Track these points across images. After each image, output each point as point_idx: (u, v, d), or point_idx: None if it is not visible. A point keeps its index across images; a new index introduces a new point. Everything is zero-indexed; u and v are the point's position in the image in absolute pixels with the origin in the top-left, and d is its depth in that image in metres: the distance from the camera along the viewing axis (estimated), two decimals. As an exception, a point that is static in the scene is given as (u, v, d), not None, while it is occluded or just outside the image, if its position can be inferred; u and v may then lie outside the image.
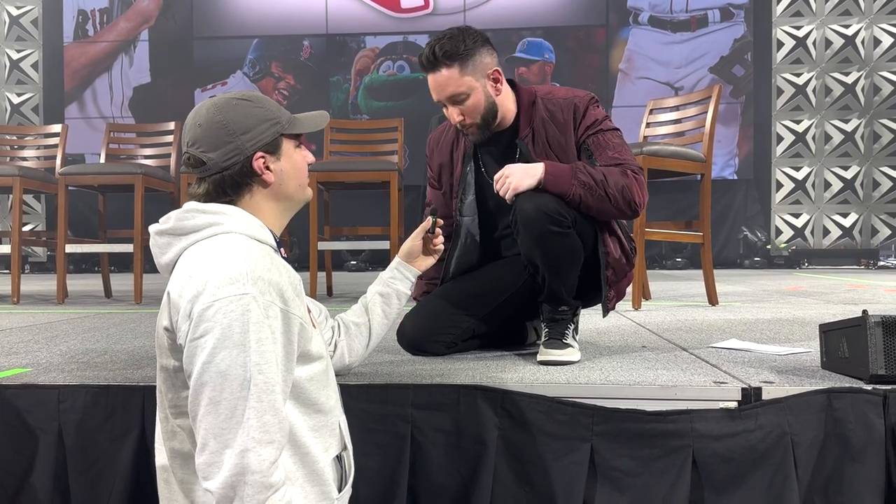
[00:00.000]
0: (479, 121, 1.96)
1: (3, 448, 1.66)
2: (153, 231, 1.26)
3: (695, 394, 1.59)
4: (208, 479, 1.07)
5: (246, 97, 1.28)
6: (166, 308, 1.17)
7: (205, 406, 1.08)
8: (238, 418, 1.06)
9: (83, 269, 8.29)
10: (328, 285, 4.46)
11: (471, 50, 1.90)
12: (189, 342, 1.10)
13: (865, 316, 1.58)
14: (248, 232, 1.22)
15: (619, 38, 8.67)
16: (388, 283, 1.70)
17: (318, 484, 1.23)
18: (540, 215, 1.83)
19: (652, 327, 2.64)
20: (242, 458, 1.05)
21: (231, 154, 1.24)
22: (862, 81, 8.38)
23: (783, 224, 8.57)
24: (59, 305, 3.82)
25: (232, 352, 1.07)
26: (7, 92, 9.07)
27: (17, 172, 3.94)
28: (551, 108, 2.00)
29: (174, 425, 1.22)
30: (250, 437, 1.06)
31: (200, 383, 1.08)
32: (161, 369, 1.22)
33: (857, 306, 3.36)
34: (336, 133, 4.67)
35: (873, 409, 1.53)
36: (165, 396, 1.23)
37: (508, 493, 1.57)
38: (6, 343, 2.38)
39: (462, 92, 1.91)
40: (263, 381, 1.08)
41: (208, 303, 1.09)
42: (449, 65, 1.89)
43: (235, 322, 1.08)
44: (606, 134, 1.97)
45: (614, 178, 1.88)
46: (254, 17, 8.88)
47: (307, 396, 1.24)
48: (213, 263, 1.13)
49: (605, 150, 1.94)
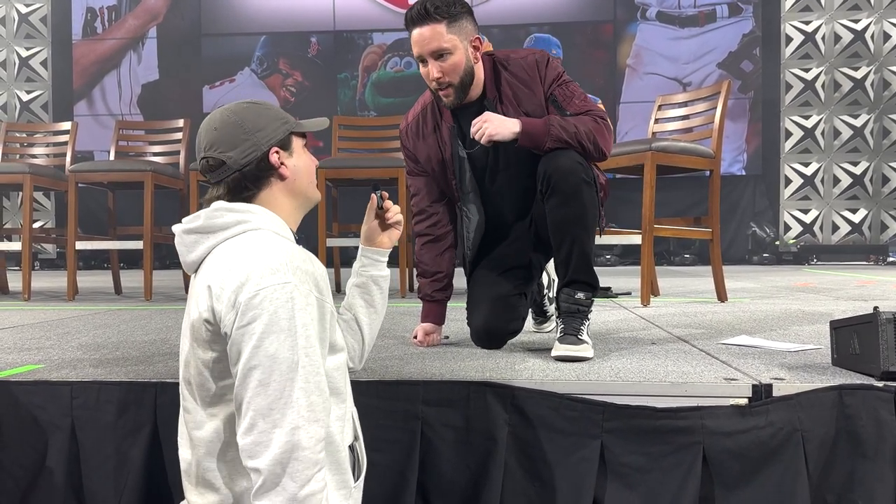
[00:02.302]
0: (457, 82, 2.02)
1: (17, 444, 1.68)
2: (180, 230, 1.30)
3: (705, 390, 1.59)
4: (255, 458, 1.11)
5: (254, 102, 1.36)
6: (204, 301, 1.19)
7: (253, 388, 1.12)
8: (287, 399, 1.11)
9: (92, 265, 8.32)
10: (336, 281, 4.47)
11: (459, 13, 1.99)
12: (236, 329, 1.15)
13: (877, 312, 1.58)
14: (274, 229, 1.29)
15: (627, 33, 8.65)
16: (360, 272, 1.67)
17: (339, 472, 1.27)
18: (576, 167, 1.95)
19: (661, 323, 2.64)
20: (293, 436, 1.10)
21: (249, 150, 1.29)
22: (871, 76, 8.34)
23: (792, 220, 8.54)
24: (69, 302, 3.85)
25: (279, 336, 1.13)
26: (16, 89, 9.11)
27: (27, 170, 3.96)
28: (513, 70, 2.08)
29: (204, 415, 1.24)
30: (300, 415, 1.11)
31: (249, 367, 1.13)
32: (195, 361, 1.24)
33: (866, 302, 3.35)
34: (344, 130, 4.68)
35: (885, 405, 1.53)
36: (197, 389, 1.25)
37: (518, 489, 1.58)
38: (18, 340, 2.39)
39: (446, 48, 1.97)
40: (310, 363, 1.14)
41: (254, 291, 1.14)
42: (438, 20, 1.96)
43: (281, 309, 1.14)
44: (570, 85, 2.08)
45: (584, 127, 1.98)
46: (261, 14, 8.89)
47: (334, 385, 1.27)
48: (252, 256, 1.19)
49: (571, 98, 2.05)
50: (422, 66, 2.04)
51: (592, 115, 2.02)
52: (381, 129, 4.77)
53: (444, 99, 2.06)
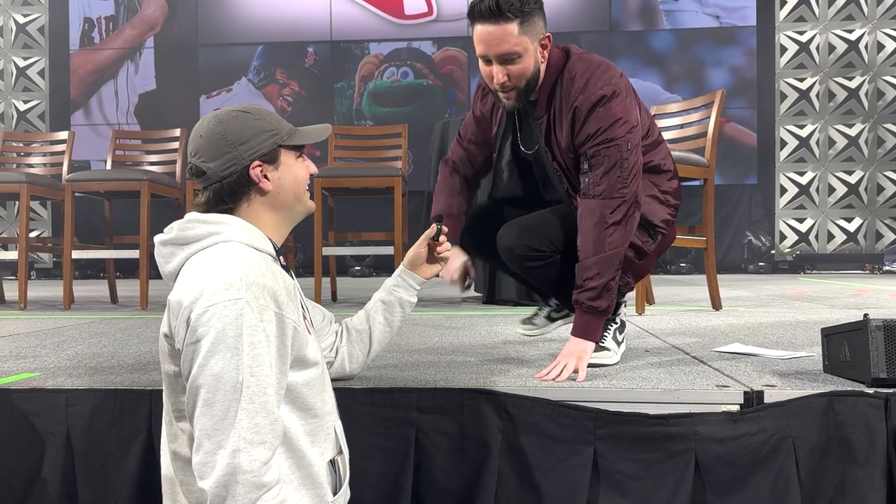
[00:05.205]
0: (523, 86, 1.83)
1: (12, 451, 1.68)
2: (158, 241, 1.30)
3: (697, 397, 1.60)
4: (203, 479, 1.11)
5: (247, 109, 1.33)
6: (166, 315, 1.21)
7: (199, 408, 1.12)
8: (230, 420, 1.10)
9: (88, 274, 8.32)
10: (332, 290, 4.47)
11: (533, 10, 1.77)
12: (186, 346, 1.14)
13: (867, 320, 1.59)
14: (247, 241, 1.26)
15: (623, 42, 8.69)
16: (392, 290, 1.70)
17: (313, 487, 1.26)
18: (510, 254, 1.88)
19: (655, 331, 2.65)
20: (234, 458, 1.09)
21: (228, 164, 1.28)
22: (865, 86, 8.39)
23: (787, 229, 8.56)
24: (65, 311, 3.85)
25: (225, 355, 1.11)
26: (14, 99, 9.13)
27: (24, 179, 3.97)
28: (564, 97, 1.85)
29: (176, 429, 1.26)
30: (242, 437, 1.10)
31: (196, 386, 1.12)
32: (164, 375, 1.26)
33: (860, 311, 3.36)
34: (340, 139, 4.69)
35: (875, 412, 1.54)
36: (168, 401, 1.27)
37: (512, 497, 1.58)
38: (14, 348, 2.40)
39: (516, 51, 1.76)
40: (255, 383, 1.12)
41: (204, 308, 1.13)
42: (511, 18, 1.73)
43: (229, 326, 1.12)
44: (610, 147, 1.79)
45: (604, 259, 1.79)
46: (258, 25, 8.93)
47: (303, 401, 1.27)
48: (209, 270, 1.17)
49: (601, 173, 1.79)
50: (483, 64, 1.82)
51: (608, 212, 1.77)
52: (378, 138, 4.79)
53: (504, 101, 1.87)
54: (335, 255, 4.47)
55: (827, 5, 8.44)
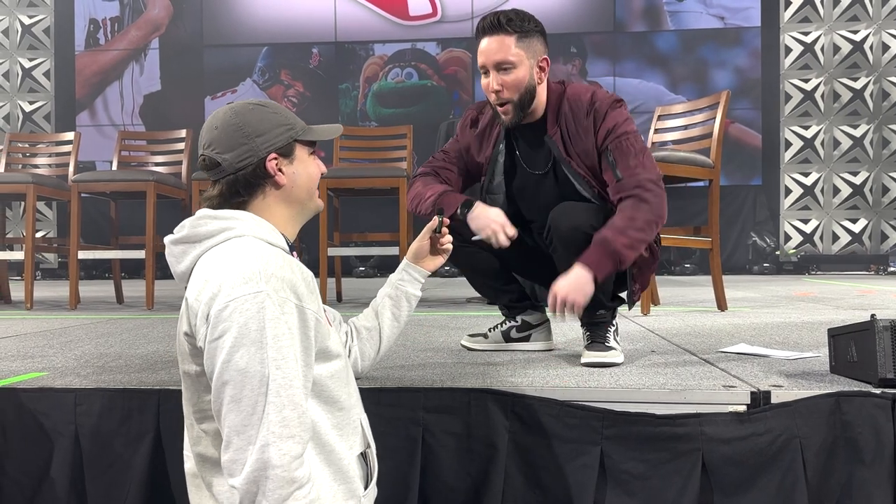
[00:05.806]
0: (517, 99, 1.94)
1: (21, 451, 1.69)
2: (168, 241, 1.28)
3: (704, 397, 1.60)
4: (233, 476, 1.09)
5: (262, 103, 1.32)
6: (185, 314, 1.19)
7: (227, 404, 1.10)
8: (259, 414, 1.08)
9: (94, 275, 8.34)
10: (338, 291, 4.48)
11: (532, 31, 1.94)
12: (208, 343, 1.13)
13: (874, 320, 1.59)
14: (261, 235, 1.25)
15: (627, 43, 8.69)
16: (397, 285, 1.70)
17: (345, 482, 1.25)
18: (575, 233, 1.89)
19: (661, 332, 2.65)
20: (263, 454, 1.07)
21: (245, 155, 1.27)
22: (870, 87, 8.37)
23: (792, 230, 8.55)
24: (71, 311, 3.86)
25: (250, 349, 1.10)
26: (19, 100, 9.16)
27: (30, 180, 3.98)
28: (575, 109, 1.98)
29: (199, 430, 1.24)
30: (270, 431, 1.08)
31: (221, 382, 1.11)
32: (184, 375, 1.24)
33: (866, 312, 3.34)
34: (345, 140, 4.70)
35: (882, 412, 1.54)
36: (189, 402, 1.25)
37: (519, 496, 1.58)
38: (22, 347, 2.41)
39: (511, 61, 1.91)
40: (282, 376, 1.11)
41: (224, 303, 1.12)
42: (509, 32, 1.91)
43: (251, 320, 1.10)
44: (628, 139, 1.93)
45: (639, 220, 1.85)
46: (263, 26, 8.95)
47: (329, 394, 1.26)
48: (226, 265, 1.16)
49: (626, 157, 1.91)
50: (484, 77, 1.97)
51: (640, 194, 1.87)
52: (383, 138, 4.80)
53: (502, 116, 1.99)
54: (340, 256, 4.48)
55: (832, 6, 8.43)
